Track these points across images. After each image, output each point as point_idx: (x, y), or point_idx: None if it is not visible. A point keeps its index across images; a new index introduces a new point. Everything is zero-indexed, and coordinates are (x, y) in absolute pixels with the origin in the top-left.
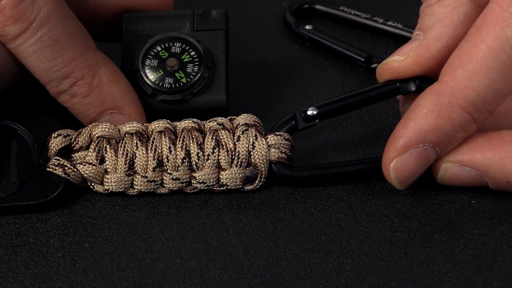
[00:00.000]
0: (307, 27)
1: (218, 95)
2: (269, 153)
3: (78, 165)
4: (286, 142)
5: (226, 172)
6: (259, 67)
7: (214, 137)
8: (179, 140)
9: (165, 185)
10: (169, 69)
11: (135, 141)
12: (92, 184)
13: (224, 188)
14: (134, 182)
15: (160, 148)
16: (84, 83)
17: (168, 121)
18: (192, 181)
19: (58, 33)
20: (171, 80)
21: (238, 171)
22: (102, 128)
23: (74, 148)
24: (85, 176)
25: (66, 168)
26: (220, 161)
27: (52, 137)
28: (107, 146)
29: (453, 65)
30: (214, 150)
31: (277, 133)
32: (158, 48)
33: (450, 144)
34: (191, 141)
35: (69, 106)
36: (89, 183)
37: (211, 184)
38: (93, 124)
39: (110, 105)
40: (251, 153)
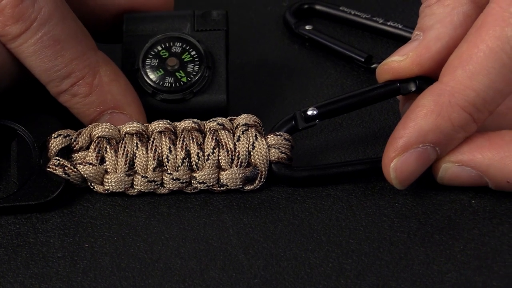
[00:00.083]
0: (307, 27)
1: (218, 95)
2: (269, 153)
3: (78, 165)
4: (286, 142)
5: (226, 172)
6: (259, 68)
7: (214, 137)
8: (179, 140)
9: (165, 185)
10: (170, 69)
11: (135, 141)
12: (92, 184)
13: (224, 188)
14: (134, 182)
15: (160, 148)
16: (85, 83)
17: (168, 121)
18: (192, 181)
19: (59, 33)
20: (172, 80)
21: (238, 171)
22: (102, 128)
23: (74, 148)
24: (85, 176)
25: (66, 168)
26: (220, 161)
27: (52, 137)
28: (107, 146)
29: (453, 65)
30: (214, 150)
31: (277, 133)
32: (159, 48)
33: (450, 144)
34: (191, 141)
35: (70, 106)
36: (89, 183)
37: (211, 184)
38: (93, 124)
39: (111, 105)
40: (251, 153)
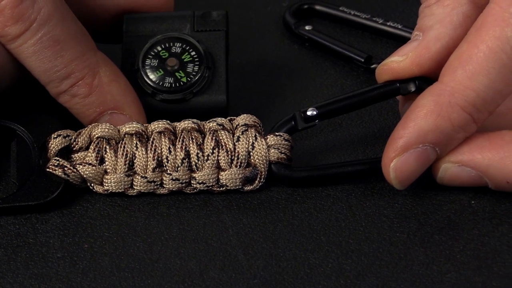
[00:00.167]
0: (307, 28)
1: (218, 95)
2: (269, 154)
3: (78, 166)
4: (286, 143)
5: (226, 173)
6: (259, 68)
7: (214, 138)
8: (179, 141)
9: (165, 186)
10: (170, 69)
11: (135, 142)
12: (92, 185)
13: (224, 189)
14: (134, 183)
15: (160, 149)
16: (85, 84)
17: (168, 122)
18: (192, 182)
19: (58, 34)
20: (171, 80)
21: (238, 172)
22: (102, 129)
23: (74, 149)
24: (85, 177)
25: (66, 169)
26: (220, 162)
27: (52, 138)
28: (107, 147)
29: (453, 66)
30: (214, 151)
31: (277, 134)
32: (159, 48)
33: (450, 144)
34: (191, 142)
35: (69, 107)
36: (89, 184)
37: (211, 185)
38: (93, 125)
39: (111, 105)
40: (251, 154)
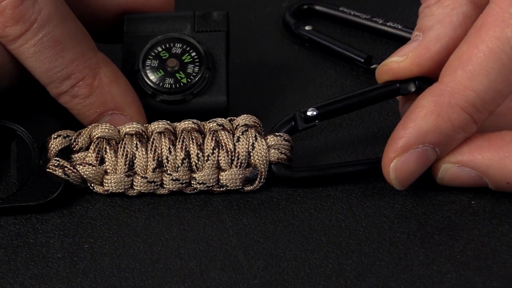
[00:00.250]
0: (307, 28)
1: (219, 96)
2: (269, 154)
3: (78, 166)
4: (286, 143)
5: (226, 173)
6: (259, 68)
7: (214, 138)
8: (179, 141)
9: (165, 186)
10: (170, 70)
11: (135, 142)
12: (92, 185)
13: (224, 189)
14: (134, 183)
15: (160, 149)
16: (85, 84)
17: (168, 122)
18: (192, 182)
19: (59, 34)
20: (172, 81)
21: (238, 172)
22: (102, 129)
23: (74, 149)
24: (85, 177)
25: (66, 169)
26: (220, 162)
27: (52, 138)
28: (107, 147)
29: (453, 66)
30: (214, 151)
31: (277, 134)
32: (159, 49)
33: (450, 145)
34: (191, 142)
35: (70, 107)
36: (89, 184)
37: (211, 185)
38: (93, 125)
39: (111, 106)
40: (251, 154)
